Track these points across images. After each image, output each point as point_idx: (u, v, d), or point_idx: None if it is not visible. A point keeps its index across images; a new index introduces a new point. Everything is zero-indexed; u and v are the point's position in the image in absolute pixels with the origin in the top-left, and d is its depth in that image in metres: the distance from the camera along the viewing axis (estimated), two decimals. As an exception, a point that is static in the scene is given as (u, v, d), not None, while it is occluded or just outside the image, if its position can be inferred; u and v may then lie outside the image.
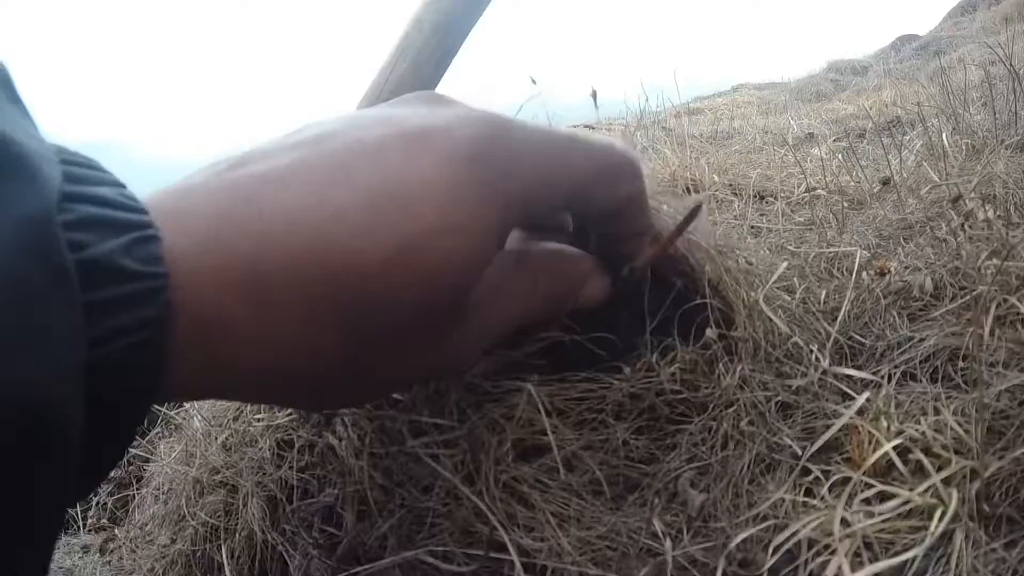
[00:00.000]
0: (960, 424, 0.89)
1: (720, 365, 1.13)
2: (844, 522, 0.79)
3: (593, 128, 9.67)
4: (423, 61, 2.06)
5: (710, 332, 1.21)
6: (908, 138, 2.38)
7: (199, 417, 1.34)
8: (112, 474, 2.35)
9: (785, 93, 8.66)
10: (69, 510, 2.38)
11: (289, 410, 1.11)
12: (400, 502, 0.92)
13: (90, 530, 2.29)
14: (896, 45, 10.26)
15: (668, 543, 0.83)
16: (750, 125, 4.70)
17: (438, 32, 1.98)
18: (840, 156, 2.38)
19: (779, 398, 1.07)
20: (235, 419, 1.32)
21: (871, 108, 4.46)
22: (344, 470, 0.98)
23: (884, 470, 0.87)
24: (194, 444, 1.31)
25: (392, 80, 1.97)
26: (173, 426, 2.07)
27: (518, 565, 0.80)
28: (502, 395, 0.99)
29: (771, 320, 1.18)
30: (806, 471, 0.93)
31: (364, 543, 0.93)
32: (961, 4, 10.55)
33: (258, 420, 1.19)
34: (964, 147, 1.82)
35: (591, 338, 0.95)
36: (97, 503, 2.41)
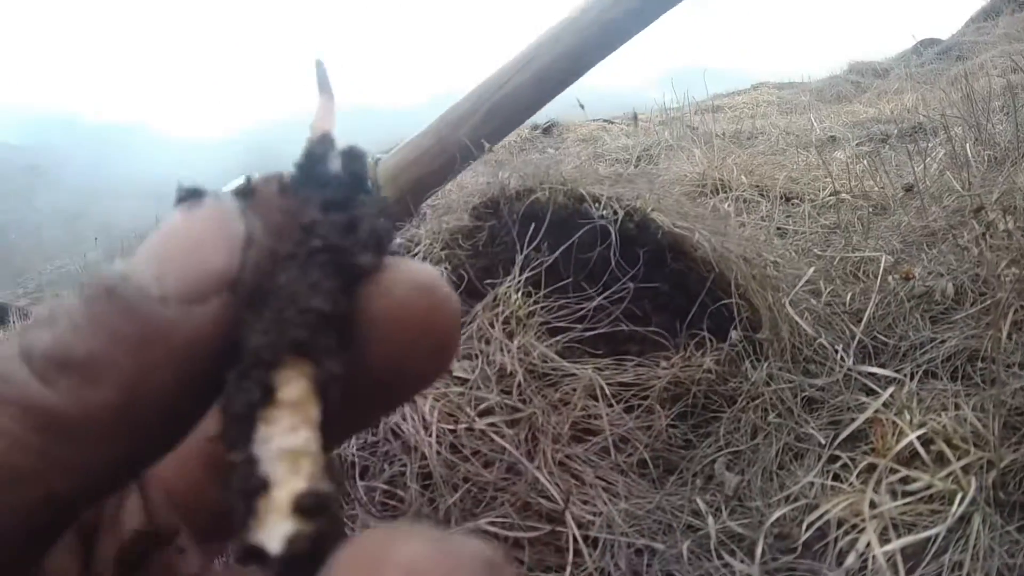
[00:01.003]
0: (979, 419, 0.96)
1: (747, 362, 1.21)
2: (871, 504, 0.87)
3: (612, 123, 9.60)
4: (547, 78, 2.08)
5: (734, 333, 1.30)
6: (930, 146, 2.42)
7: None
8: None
9: (805, 93, 8.67)
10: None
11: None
12: (464, 476, 0.99)
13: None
14: (918, 48, 10.20)
15: (710, 519, 0.92)
16: (772, 125, 4.74)
17: (571, 55, 1.99)
18: (864, 161, 2.43)
19: (806, 394, 1.16)
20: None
21: (892, 112, 4.50)
22: (409, 446, 1.05)
23: (906, 459, 0.95)
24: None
25: (509, 87, 1.98)
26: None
27: (576, 533, 0.88)
28: (560, 379, 1.07)
29: (797, 322, 1.26)
30: (832, 459, 1.01)
31: (427, 515, 1.01)
32: (984, 8, 10.46)
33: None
34: (986, 158, 1.88)
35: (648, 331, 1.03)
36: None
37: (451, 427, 1.06)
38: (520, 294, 1.24)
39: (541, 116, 11.98)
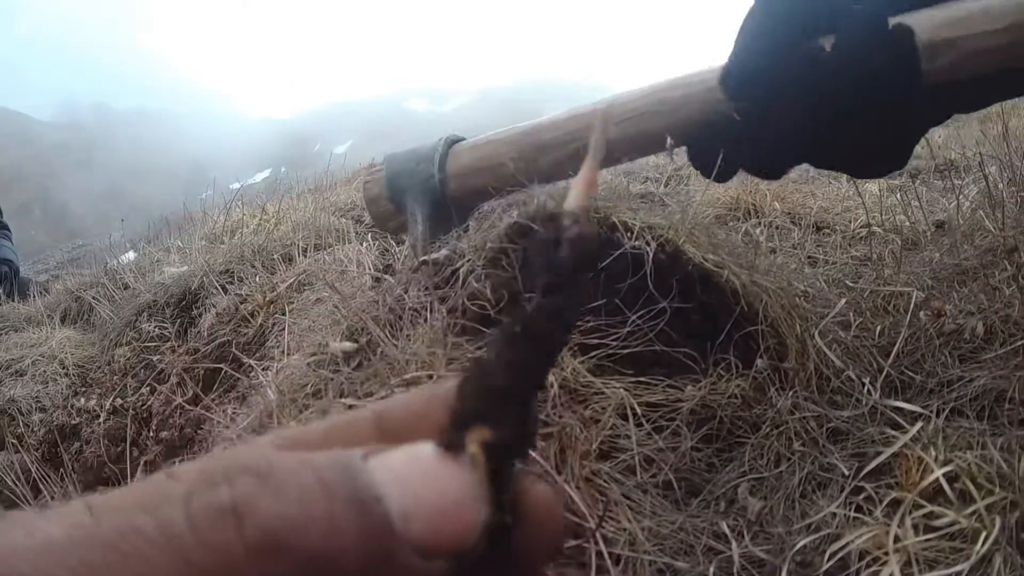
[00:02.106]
0: (1004, 459, 0.97)
1: (772, 390, 1.23)
2: (895, 538, 0.88)
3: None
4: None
5: (760, 362, 1.31)
6: (963, 183, 2.43)
7: (274, 388, 1.43)
8: (163, 436, 2.45)
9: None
10: (115, 468, 2.45)
11: (378, 393, 1.20)
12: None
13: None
14: (952, 82, 10.20)
15: (733, 543, 0.93)
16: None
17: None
18: (896, 195, 2.44)
19: (831, 424, 1.17)
20: (314, 394, 1.41)
21: (921, 147, 4.51)
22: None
23: (930, 495, 0.96)
24: (268, 414, 1.39)
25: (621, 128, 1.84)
26: (237, 393, 2.17)
27: (604, 550, 0.89)
28: (590, 396, 1.09)
29: (825, 353, 1.27)
30: (856, 491, 1.02)
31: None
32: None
33: (342, 401, 1.29)
34: (1020, 199, 1.89)
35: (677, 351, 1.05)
36: (144, 462, 2.52)
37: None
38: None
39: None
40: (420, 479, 0.33)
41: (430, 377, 1.14)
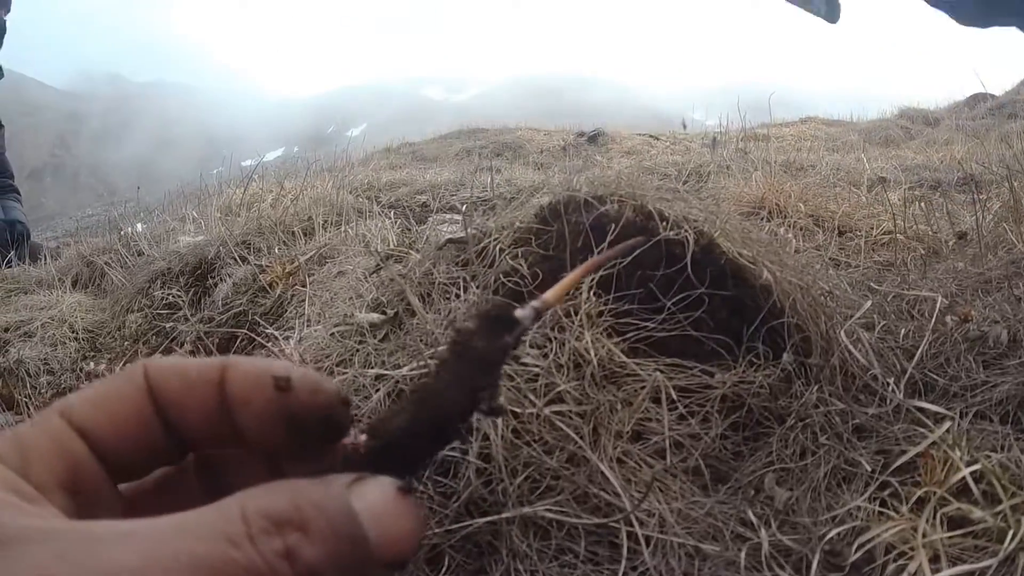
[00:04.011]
0: (1029, 463, 0.98)
1: (798, 383, 1.24)
2: (923, 533, 0.89)
3: (657, 138, 9.65)
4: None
5: (787, 356, 1.32)
6: (985, 197, 2.44)
7: (299, 359, 1.44)
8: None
9: (854, 133, 8.68)
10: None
11: (409, 364, 1.21)
12: (524, 461, 1.02)
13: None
14: (970, 102, 10.27)
15: (763, 531, 0.94)
16: (821, 160, 4.76)
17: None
18: (918, 204, 2.45)
19: (856, 421, 1.18)
20: (339, 364, 1.42)
21: (941, 162, 4.52)
22: (471, 425, 1.07)
23: (955, 494, 0.97)
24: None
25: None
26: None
27: (639, 532, 0.90)
28: (623, 378, 1.10)
29: (851, 351, 1.28)
30: (881, 486, 1.03)
31: (484, 497, 1.04)
32: (1040, 68, 10.52)
33: (369, 369, 1.29)
34: (1044, 215, 1.89)
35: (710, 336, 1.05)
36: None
37: (516, 410, 1.09)
38: (591, 293, 1.27)
39: (588, 125, 12.02)
40: (389, 516, 0.47)
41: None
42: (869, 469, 1.05)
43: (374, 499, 0.47)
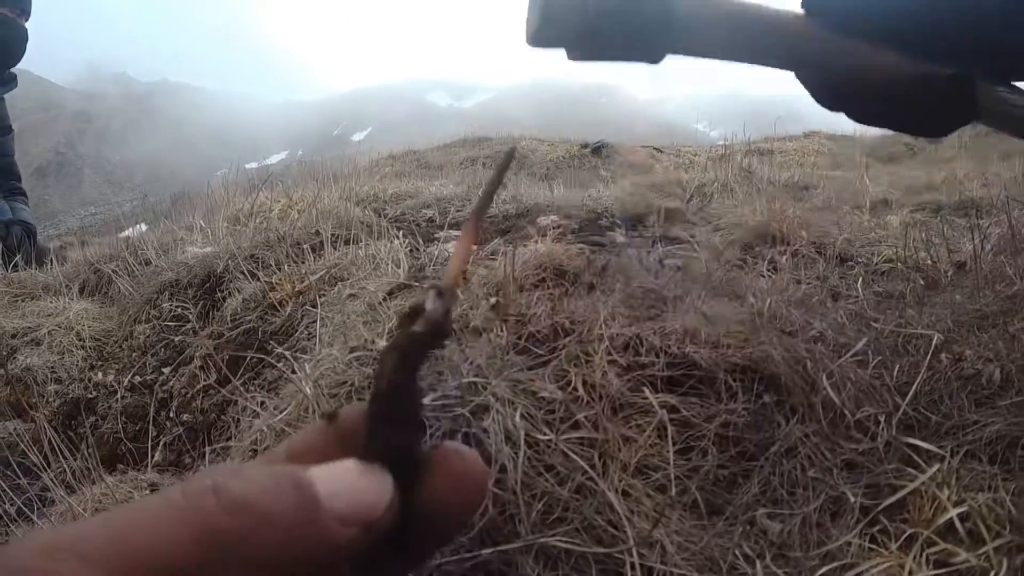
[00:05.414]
0: (1014, 503, 1.03)
1: (787, 423, 1.29)
2: (909, 572, 0.93)
3: (661, 151, 9.69)
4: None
5: (767, 397, 1.38)
6: (985, 224, 2.46)
7: (310, 383, 1.47)
8: (184, 418, 2.49)
9: (857, 148, 8.73)
10: (131, 445, 2.49)
11: (430, 396, 1.25)
12: (541, 490, 1.07)
13: (155, 468, 2.42)
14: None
15: (758, 564, 0.99)
16: (825, 178, 4.81)
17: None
18: (918, 230, 2.48)
19: (845, 456, 1.23)
20: (356, 391, 1.45)
21: (943, 182, 4.56)
22: (490, 456, 1.12)
23: (942, 532, 1.01)
24: (304, 408, 1.44)
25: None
26: (263, 380, 2.20)
27: (653, 564, 0.95)
28: (632, 413, 1.15)
29: (839, 391, 1.33)
30: (871, 522, 1.07)
31: (499, 527, 1.08)
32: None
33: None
34: (1041, 247, 1.93)
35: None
36: (164, 443, 2.55)
37: (535, 440, 1.14)
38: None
39: (592, 136, 12.06)
40: (343, 475, 0.50)
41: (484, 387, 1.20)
42: (857, 505, 1.10)
43: (329, 466, 0.51)
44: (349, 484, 0.50)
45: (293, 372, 1.60)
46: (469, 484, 0.55)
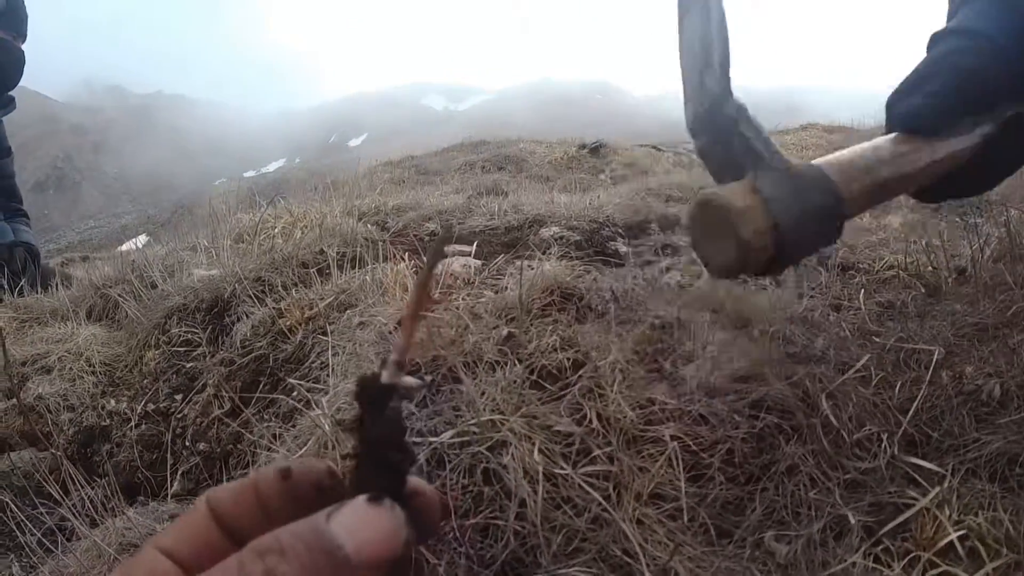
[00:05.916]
0: (1012, 523, 1.06)
1: (781, 438, 1.32)
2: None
3: (661, 150, 9.70)
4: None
5: (768, 417, 1.41)
6: (984, 226, 2.46)
7: (329, 420, 1.49)
8: (200, 447, 2.51)
9: (855, 140, 8.73)
10: (148, 474, 2.52)
11: (450, 431, 1.28)
12: (560, 523, 1.11)
13: (174, 498, 2.43)
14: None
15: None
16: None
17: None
18: (917, 235, 2.50)
19: (848, 476, 1.26)
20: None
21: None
22: (510, 491, 1.16)
23: (943, 552, 1.05)
24: (323, 444, 1.46)
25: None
26: (277, 409, 2.22)
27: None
28: (646, 444, 1.20)
29: (839, 411, 1.36)
30: (875, 543, 1.11)
31: (521, 559, 1.12)
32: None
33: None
34: (1040, 253, 1.94)
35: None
36: (183, 472, 2.56)
37: (551, 473, 1.18)
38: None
39: (590, 136, 12.03)
40: (362, 524, 0.56)
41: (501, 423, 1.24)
42: (858, 525, 1.13)
43: (347, 513, 0.57)
44: (370, 531, 0.57)
45: (308, 406, 1.63)
46: (435, 502, 0.65)
